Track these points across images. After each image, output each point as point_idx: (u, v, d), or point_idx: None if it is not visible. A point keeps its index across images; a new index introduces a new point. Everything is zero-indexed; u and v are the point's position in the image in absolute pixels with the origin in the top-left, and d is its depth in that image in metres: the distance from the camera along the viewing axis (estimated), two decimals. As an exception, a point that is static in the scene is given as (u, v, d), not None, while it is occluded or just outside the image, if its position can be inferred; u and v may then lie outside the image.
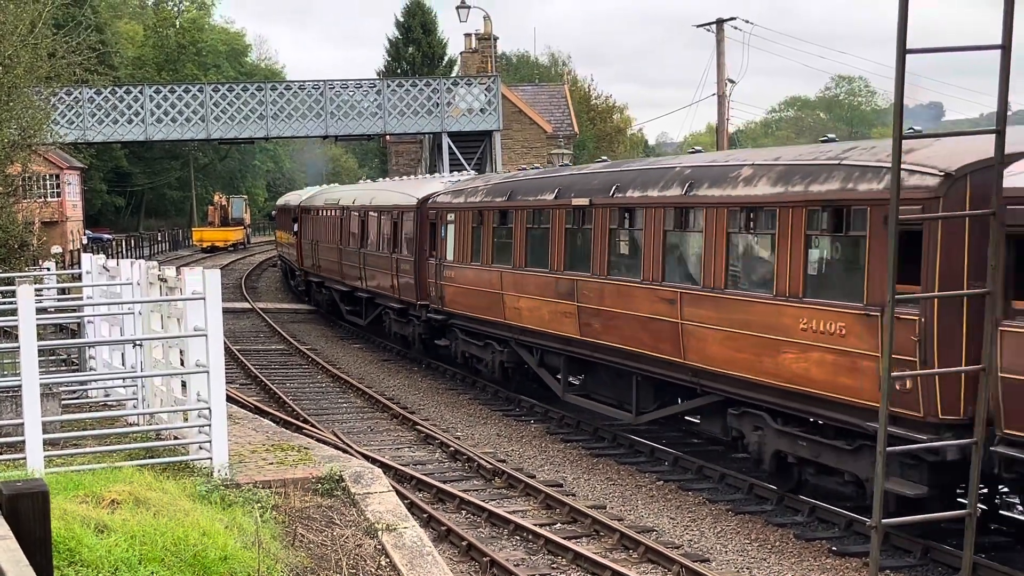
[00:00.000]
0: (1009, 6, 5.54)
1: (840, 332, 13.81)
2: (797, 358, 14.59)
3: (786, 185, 15.01)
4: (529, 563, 13.86)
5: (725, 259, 16.16)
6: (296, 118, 47.14)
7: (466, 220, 25.43)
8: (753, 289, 15.65)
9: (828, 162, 14.66)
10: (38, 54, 30.41)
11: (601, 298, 19.40)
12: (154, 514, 9.46)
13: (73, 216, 68.63)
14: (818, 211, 14.36)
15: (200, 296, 11.66)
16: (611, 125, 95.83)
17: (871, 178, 13.59)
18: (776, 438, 15.50)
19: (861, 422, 13.56)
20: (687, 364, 17.00)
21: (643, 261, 18.12)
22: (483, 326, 24.67)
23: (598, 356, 20.01)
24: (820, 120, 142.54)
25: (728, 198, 16.13)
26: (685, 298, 16.94)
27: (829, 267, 14.54)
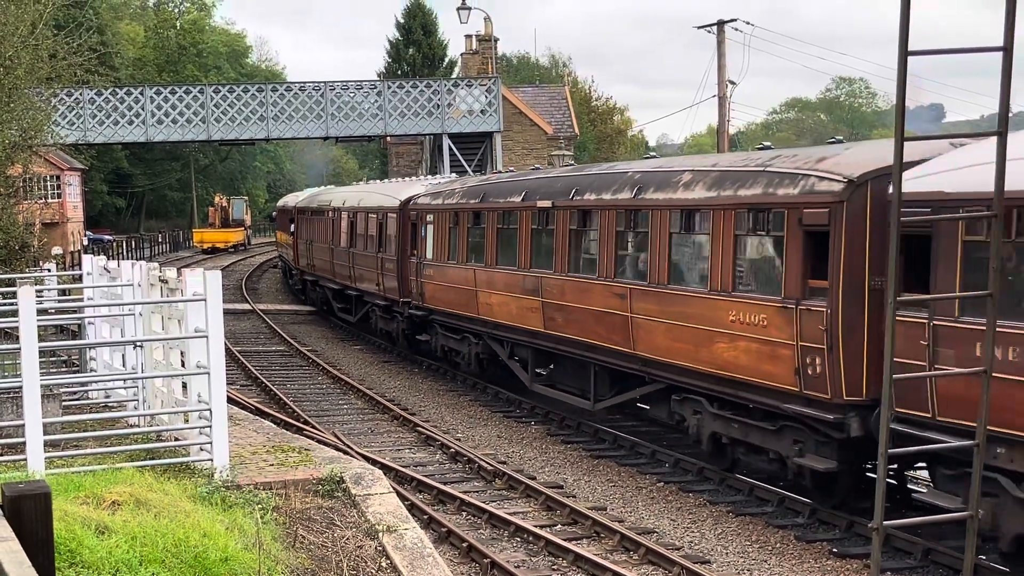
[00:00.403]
0: (1011, 8, 5.54)
1: (763, 323, 15.23)
2: (728, 347, 15.98)
3: (719, 190, 16.44)
4: (530, 564, 13.86)
5: (668, 257, 17.62)
6: (297, 119, 47.16)
7: (444, 221, 26.91)
8: (692, 285, 17.07)
9: (754, 169, 16.05)
10: (39, 55, 30.41)
11: (563, 294, 20.75)
12: (155, 515, 9.46)
13: (74, 217, 68.63)
14: (745, 213, 15.80)
15: (201, 297, 11.67)
16: (611, 126, 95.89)
17: (788, 184, 14.97)
18: (712, 421, 16.97)
19: (780, 404, 14.98)
20: (637, 354, 18.39)
21: (598, 259, 19.54)
22: (460, 321, 26.05)
23: (561, 348, 21.33)
24: (821, 122, 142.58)
25: (670, 201, 17.58)
26: (634, 293, 18.32)
27: (754, 264, 16.04)
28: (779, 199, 15.03)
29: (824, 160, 14.86)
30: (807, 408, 14.45)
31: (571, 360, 21.38)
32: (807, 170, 14.86)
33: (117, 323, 15.29)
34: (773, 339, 15.00)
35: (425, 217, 28.22)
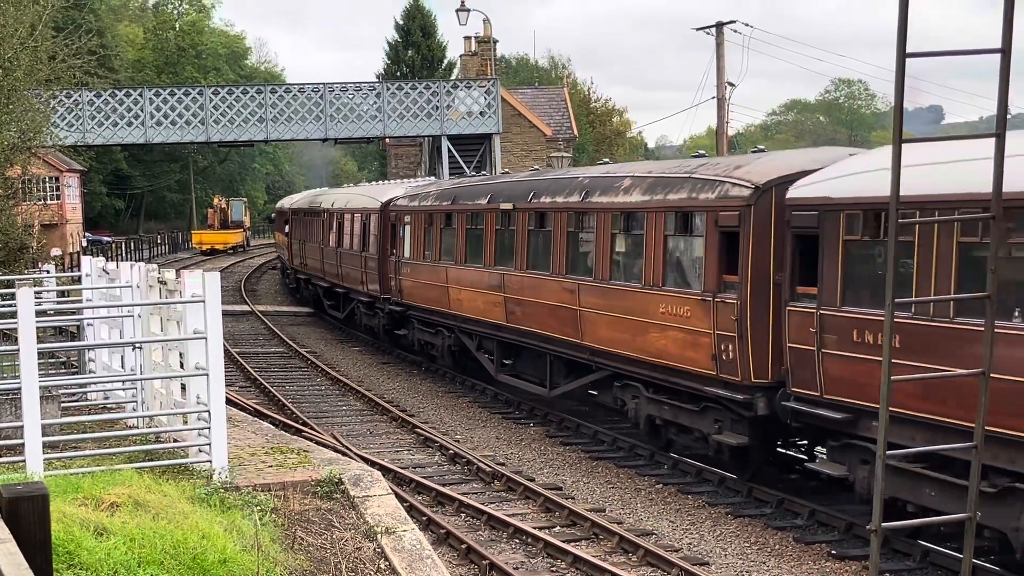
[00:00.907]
0: (1009, 10, 5.54)
1: (687, 314, 16.95)
2: (659, 337, 17.70)
3: (652, 194, 18.17)
4: (528, 566, 13.86)
5: (610, 255, 19.28)
6: (296, 121, 47.14)
7: (420, 222, 28.70)
8: (629, 280, 18.69)
9: (682, 176, 17.78)
10: (38, 57, 30.40)
11: (522, 289, 22.46)
12: (153, 517, 9.45)
13: (73, 219, 68.62)
14: (673, 215, 17.48)
15: (200, 299, 11.66)
16: (610, 128, 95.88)
17: (708, 189, 16.62)
18: (647, 405, 18.68)
19: (701, 387, 16.69)
20: (584, 344, 20.07)
21: (552, 257, 21.23)
22: (434, 316, 27.80)
23: (522, 340, 23.04)
24: (820, 123, 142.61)
25: (612, 204, 19.19)
26: (582, 288, 19.99)
27: (680, 261, 17.71)
28: (700, 203, 16.74)
29: (739, 168, 16.51)
30: (723, 390, 16.16)
31: (531, 351, 23.03)
32: (723, 177, 16.50)
33: (116, 324, 15.28)
34: (695, 328, 16.73)
35: (403, 218, 29.93)
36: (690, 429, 17.77)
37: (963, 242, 12.48)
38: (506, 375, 24.44)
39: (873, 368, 13.19)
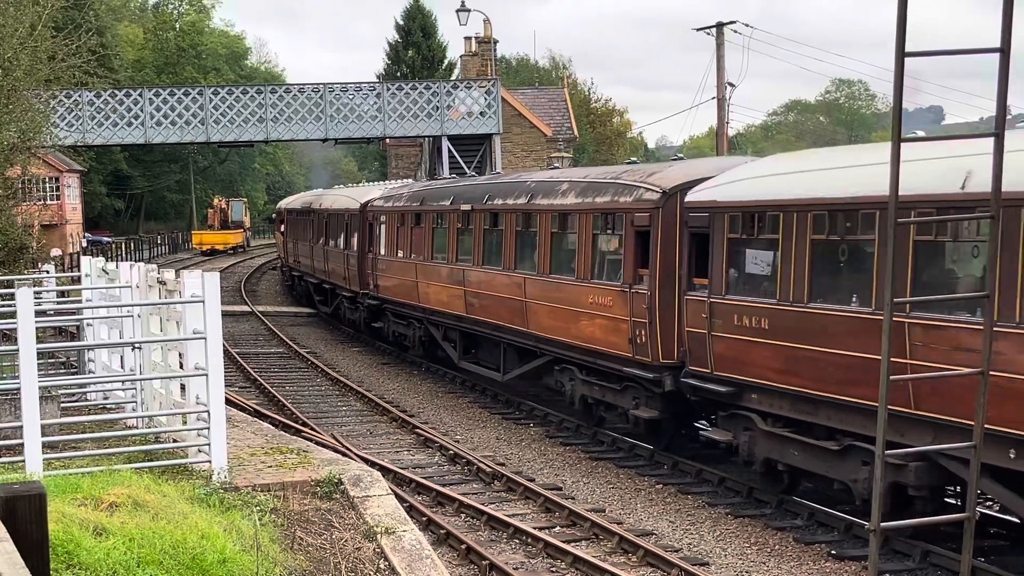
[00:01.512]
0: (1008, 9, 5.54)
1: (610, 304, 19.03)
2: (589, 324, 19.74)
3: (583, 197, 20.30)
4: (528, 566, 13.86)
5: (550, 252, 21.42)
6: (296, 121, 47.10)
7: (393, 221, 31.07)
8: (565, 274, 20.76)
9: (608, 181, 19.90)
10: (38, 57, 30.39)
11: (479, 283, 24.55)
12: (153, 517, 9.45)
13: (72, 219, 68.62)
14: (599, 216, 19.58)
15: (199, 299, 11.66)
16: (611, 128, 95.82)
17: (627, 193, 18.72)
18: (581, 385, 20.68)
19: (621, 367, 18.78)
20: (531, 332, 22.17)
21: (503, 253, 23.37)
22: (405, 309, 30.03)
23: (479, 330, 25.14)
24: (820, 124, 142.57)
25: (551, 206, 21.39)
26: (528, 282, 22.14)
27: (605, 257, 19.69)
28: (620, 205, 18.86)
29: (653, 175, 18.74)
30: (638, 370, 18.35)
31: (487, 340, 25.22)
32: (639, 182, 18.65)
33: (115, 325, 15.28)
34: (616, 316, 18.85)
35: (379, 218, 32.34)
36: (615, 406, 19.83)
37: (815, 239, 14.54)
38: (468, 362, 26.58)
39: (750, 348, 15.54)
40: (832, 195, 14.27)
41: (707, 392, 16.76)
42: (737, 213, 16.03)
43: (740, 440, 16.31)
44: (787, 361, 14.88)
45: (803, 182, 15.04)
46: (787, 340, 14.85)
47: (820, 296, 14.49)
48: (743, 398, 16.04)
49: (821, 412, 14.56)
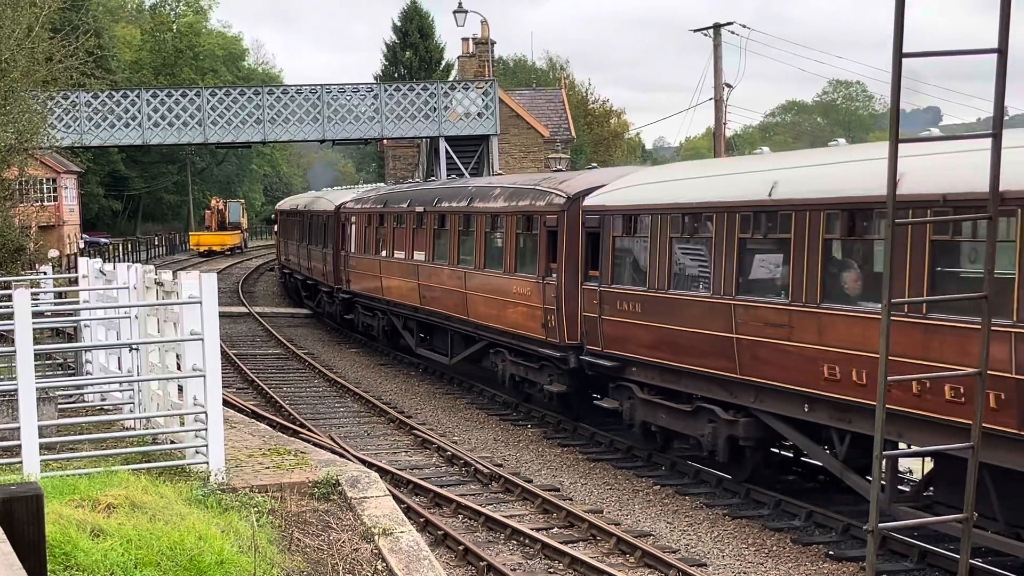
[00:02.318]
0: (1006, 11, 5.54)
1: (528, 293, 21.87)
2: (514, 312, 22.56)
3: (510, 201, 23.34)
4: (526, 567, 13.86)
5: (484, 249, 24.34)
6: (293, 122, 47.05)
7: (362, 222, 34.03)
8: (495, 268, 23.64)
9: (529, 187, 22.92)
10: (35, 58, 30.36)
11: (430, 277, 27.49)
12: (150, 518, 9.44)
13: (70, 220, 68.60)
14: (521, 218, 22.53)
15: (196, 300, 11.65)
16: (608, 129, 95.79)
17: (542, 198, 21.76)
18: (510, 366, 23.58)
19: (537, 348, 21.81)
20: (470, 320, 25.00)
21: (449, 250, 26.26)
22: (372, 301, 33.10)
23: (432, 319, 28.10)
24: (817, 125, 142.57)
25: (486, 208, 24.40)
26: (467, 275, 25.02)
27: (525, 253, 22.50)
28: (536, 208, 21.90)
29: (563, 182, 21.83)
30: (549, 350, 21.21)
31: (439, 328, 28.14)
32: (551, 189, 21.69)
33: (113, 326, 15.25)
34: (533, 304, 21.71)
35: (351, 219, 35.26)
36: (535, 383, 22.62)
37: (673, 236, 17.54)
38: (424, 349, 29.58)
39: (629, 329, 18.60)
40: (684, 201, 17.44)
41: (599, 367, 19.64)
42: (619, 215, 19.09)
43: (624, 407, 19.20)
44: (656, 339, 17.89)
45: (667, 190, 18.33)
46: (655, 321, 17.87)
47: (678, 284, 17.53)
48: (626, 371, 18.99)
49: (682, 381, 17.51)
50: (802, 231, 14.52)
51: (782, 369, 14.97)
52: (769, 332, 15.08)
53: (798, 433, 15.40)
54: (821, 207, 14.28)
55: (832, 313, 14.06)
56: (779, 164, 16.33)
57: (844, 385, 13.89)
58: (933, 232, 12.50)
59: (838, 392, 13.98)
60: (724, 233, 16.19)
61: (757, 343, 15.33)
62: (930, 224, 12.38)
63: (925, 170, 12.45)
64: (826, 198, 14.23)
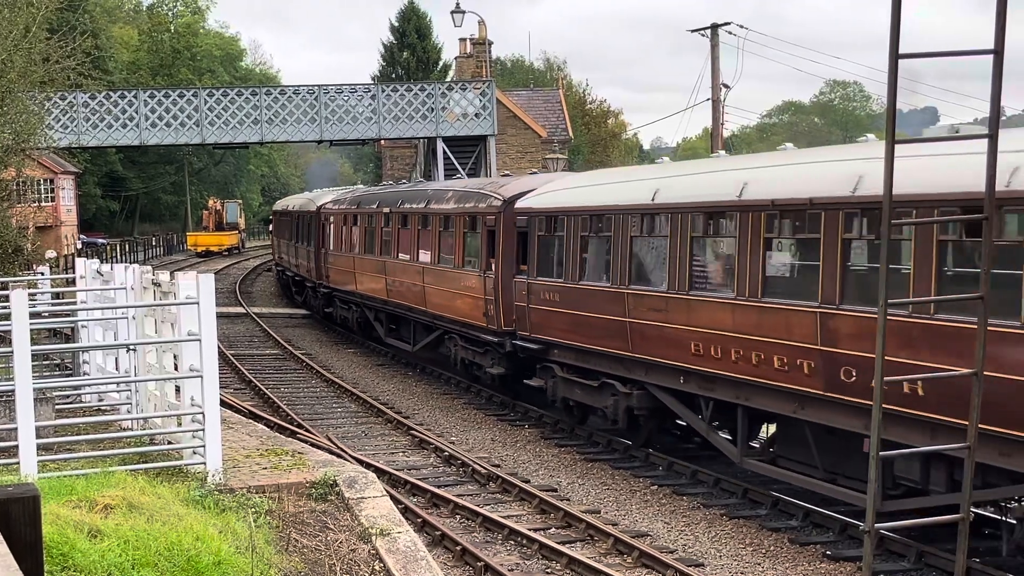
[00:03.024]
0: (1002, 12, 5.55)
1: (473, 285, 24.54)
2: (462, 303, 25.18)
3: (458, 203, 26.23)
4: (523, 568, 13.86)
5: (438, 246, 27.07)
6: (291, 123, 47.04)
7: (339, 221, 37.07)
8: (448, 264, 26.41)
9: (474, 191, 25.98)
10: (32, 59, 30.32)
11: (396, 272, 30.29)
12: (147, 519, 9.44)
13: (67, 221, 68.58)
14: (467, 218, 25.29)
15: (194, 301, 11.65)
16: (606, 130, 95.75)
17: (483, 200, 24.65)
18: (462, 351, 26.06)
19: (480, 335, 24.48)
20: (428, 311, 27.71)
21: (410, 248, 29.01)
22: (347, 295, 36.00)
23: (398, 311, 30.82)
24: (815, 125, 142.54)
25: (439, 210, 27.29)
26: (426, 271, 27.76)
27: (471, 250, 25.08)
28: (479, 210, 24.62)
29: (502, 187, 24.58)
30: (490, 336, 23.85)
31: (404, 319, 30.79)
32: (491, 192, 24.56)
33: (110, 326, 15.26)
34: (477, 296, 24.24)
35: (329, 219, 38.45)
36: (480, 365, 25.05)
37: (583, 235, 20.22)
38: (392, 338, 32.13)
39: (550, 316, 21.29)
40: (591, 204, 20.38)
41: (528, 350, 22.16)
42: (543, 217, 21.81)
43: (548, 385, 21.76)
44: (571, 324, 20.49)
45: (579, 195, 21.09)
46: (570, 309, 20.52)
47: (587, 276, 20.16)
48: (549, 353, 21.58)
49: (591, 360, 20.07)
50: (676, 230, 17.34)
51: (662, 347, 17.71)
52: (652, 316, 17.99)
53: (677, 402, 18.00)
54: (689, 210, 17.09)
55: (698, 300, 16.79)
56: (663, 174, 19.23)
57: (707, 359, 16.43)
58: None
59: (703, 365, 16.59)
60: (619, 232, 19.00)
61: (644, 325, 18.18)
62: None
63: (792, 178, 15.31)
64: (692, 203, 17.10)
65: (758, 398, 15.67)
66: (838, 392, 13.88)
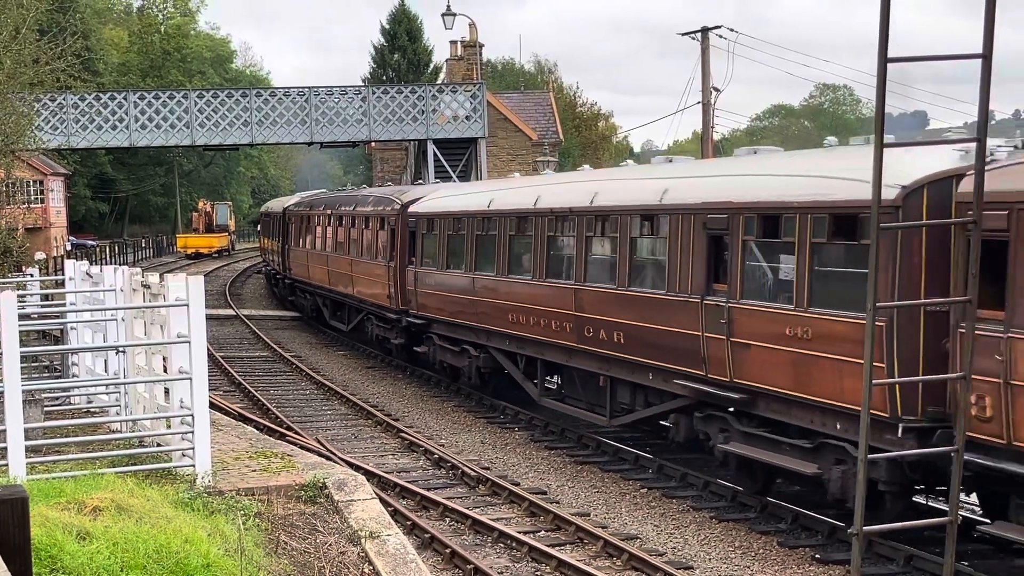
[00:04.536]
0: (990, 16, 5.57)
1: (383, 274, 29.87)
2: (375, 288, 30.70)
3: (374, 206, 31.72)
4: (513, 570, 13.86)
5: (362, 242, 32.53)
6: (281, 125, 46.98)
7: (297, 221, 43.22)
8: (366, 257, 31.84)
9: (383, 196, 32.13)
10: (21, 60, 30.27)
11: (335, 264, 35.73)
12: (136, 521, 9.42)
13: (57, 222, 68.40)
14: (378, 219, 30.90)
15: (183, 303, 11.63)
16: (596, 132, 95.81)
17: (388, 204, 30.37)
18: (376, 328, 31.82)
19: (387, 314, 30.08)
20: (355, 296, 33.45)
21: (347, 245, 34.36)
22: (304, 284, 41.77)
23: (336, 297, 36.49)
24: (805, 129, 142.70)
25: (362, 212, 32.96)
26: (353, 263, 33.23)
27: (381, 245, 30.50)
28: (385, 213, 30.32)
29: (403, 194, 30.42)
30: (392, 314, 29.54)
31: (343, 304, 36.13)
32: (394, 198, 30.30)
33: (99, 328, 15.23)
34: (384, 282, 29.75)
35: (291, 219, 44.63)
36: (388, 338, 30.77)
37: (448, 233, 25.93)
38: (335, 321, 37.44)
39: (430, 297, 26.76)
40: (452, 210, 26.26)
41: (417, 325, 27.87)
42: (425, 219, 27.57)
43: (430, 351, 27.32)
44: (443, 303, 26.08)
45: (446, 203, 27.07)
46: (441, 291, 26.09)
47: (451, 266, 25.70)
48: (431, 327, 27.09)
49: (456, 330, 25.60)
50: (501, 230, 23.22)
51: (495, 319, 23.17)
52: (489, 295, 23.44)
53: (506, 359, 23.62)
54: (507, 215, 23.04)
55: (512, 281, 22.66)
56: (498, 187, 26.23)
57: (519, 326, 22.14)
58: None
59: (518, 331, 22.29)
60: (469, 231, 24.70)
61: (485, 302, 23.70)
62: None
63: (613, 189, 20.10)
64: (509, 209, 23.11)
65: (549, 352, 21.52)
66: (585, 344, 19.71)
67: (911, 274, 12.87)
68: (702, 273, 16.48)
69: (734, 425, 16.11)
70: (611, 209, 19.14)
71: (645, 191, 18.40)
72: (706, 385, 16.30)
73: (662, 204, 17.57)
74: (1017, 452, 11.80)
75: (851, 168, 14.16)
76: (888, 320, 12.83)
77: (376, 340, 32.12)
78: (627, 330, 18.26)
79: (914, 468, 13.40)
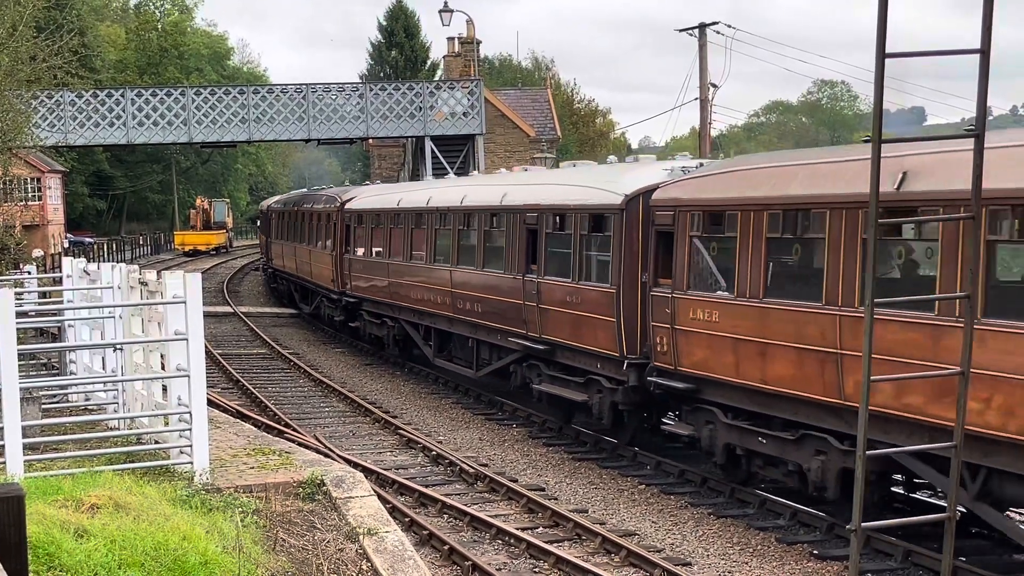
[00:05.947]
0: (988, 11, 5.56)
1: (328, 261, 35.12)
2: (324, 273, 36.09)
3: (323, 204, 37.30)
4: (511, 567, 13.86)
5: (319, 235, 37.33)
6: (279, 122, 46.99)
7: (276, 217, 48.99)
8: (320, 247, 36.83)
9: (331, 195, 37.65)
10: (19, 57, 30.24)
11: (300, 254, 41.00)
12: (134, 519, 9.41)
13: (54, 219, 68.36)
14: (325, 214, 36.24)
15: (181, 300, 11.62)
16: (594, 129, 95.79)
17: (331, 203, 35.79)
18: (326, 307, 36.83)
19: (331, 296, 35.17)
20: (311, 281, 38.90)
21: (306, 237, 39.68)
22: (282, 272, 47.01)
23: (301, 281, 42.07)
24: (803, 125, 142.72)
25: (315, 209, 38.40)
26: (312, 252, 38.40)
27: (326, 237, 35.89)
28: (330, 209, 35.63)
29: (344, 193, 36.02)
30: (335, 295, 34.35)
31: (307, 288, 41.16)
32: (337, 196, 35.82)
33: (97, 326, 15.21)
34: (330, 268, 34.69)
35: (271, 216, 50.92)
36: (332, 315, 35.37)
37: (372, 227, 31.55)
38: (303, 303, 42.85)
39: (360, 279, 32.07)
40: (374, 207, 31.95)
41: (351, 303, 33.07)
42: (355, 214, 33.07)
43: (361, 325, 32.52)
44: (368, 284, 31.07)
45: (371, 201, 32.67)
46: (367, 274, 31.54)
47: (380, 255, 30.14)
48: (363, 305, 32.19)
49: (379, 307, 30.87)
50: (406, 224, 28.50)
51: (404, 296, 28.32)
52: (401, 278, 28.63)
53: (413, 329, 28.72)
54: (410, 212, 28.43)
55: (414, 265, 27.55)
56: (406, 189, 32.20)
57: (420, 301, 27.14)
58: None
59: (419, 305, 27.33)
60: (386, 225, 29.99)
61: (397, 283, 28.85)
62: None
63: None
64: (410, 207, 28.45)
65: (439, 322, 26.57)
66: (460, 314, 24.77)
67: (631, 257, 18.03)
68: (523, 257, 21.75)
69: (544, 371, 21.29)
70: (473, 208, 24.75)
71: (492, 194, 24.03)
72: (528, 341, 21.53)
73: (502, 204, 23.09)
74: (681, 374, 16.87)
75: (607, 180, 19.33)
76: (616, 288, 18.21)
77: (327, 319, 37.19)
78: (484, 302, 23.58)
79: (636, 391, 18.29)
